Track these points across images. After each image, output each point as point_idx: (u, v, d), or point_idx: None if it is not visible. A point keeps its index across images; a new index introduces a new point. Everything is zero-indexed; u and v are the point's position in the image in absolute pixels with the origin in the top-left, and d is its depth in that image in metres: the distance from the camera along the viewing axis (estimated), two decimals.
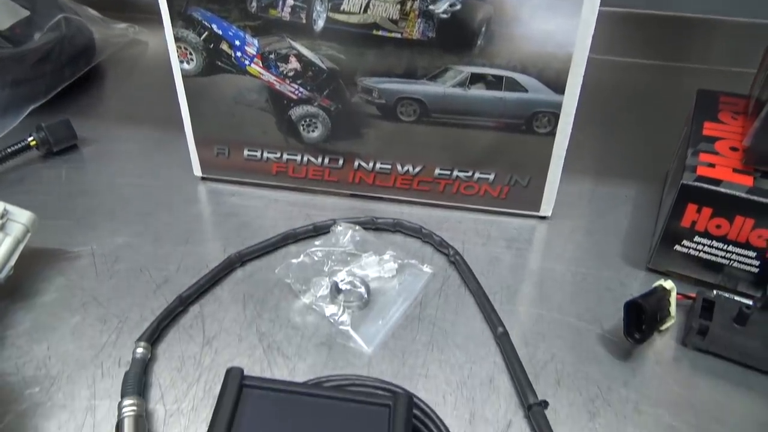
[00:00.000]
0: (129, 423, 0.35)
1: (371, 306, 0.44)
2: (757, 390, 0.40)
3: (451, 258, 0.48)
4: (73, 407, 0.38)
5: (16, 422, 0.37)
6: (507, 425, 0.38)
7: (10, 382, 0.39)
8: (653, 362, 0.42)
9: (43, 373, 0.40)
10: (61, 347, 0.42)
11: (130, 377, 0.38)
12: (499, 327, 0.42)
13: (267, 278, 0.47)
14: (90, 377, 0.40)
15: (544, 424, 0.37)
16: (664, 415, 0.38)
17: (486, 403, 0.39)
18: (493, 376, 0.41)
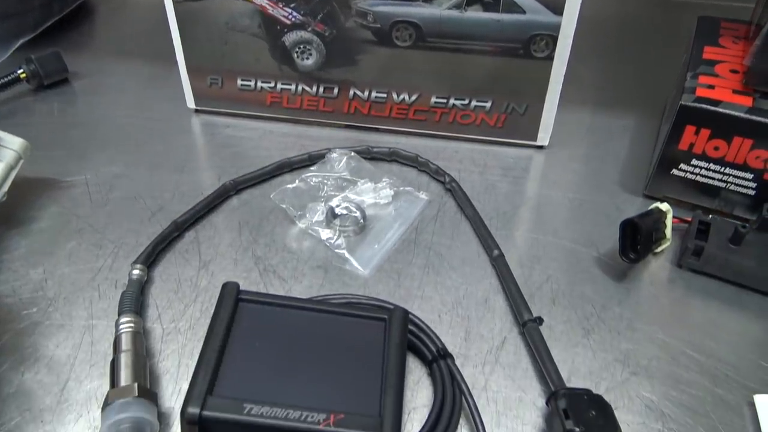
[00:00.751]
0: (126, 338, 0.36)
1: (367, 231, 0.44)
2: (750, 309, 0.40)
3: (447, 185, 0.48)
4: (71, 326, 0.38)
5: (15, 340, 0.37)
6: (502, 341, 0.38)
7: (7, 303, 0.39)
8: (648, 283, 0.42)
9: (40, 295, 0.40)
10: (57, 271, 0.42)
11: (127, 296, 0.38)
12: (495, 250, 0.43)
13: (262, 205, 0.47)
14: (87, 299, 0.40)
15: (538, 340, 0.37)
16: (657, 331, 0.39)
17: (481, 322, 0.39)
18: (488, 296, 0.41)
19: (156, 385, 0.35)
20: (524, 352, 0.38)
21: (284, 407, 0.30)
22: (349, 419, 0.30)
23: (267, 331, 0.33)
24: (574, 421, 0.31)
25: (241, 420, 0.29)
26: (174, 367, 0.36)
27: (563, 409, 0.32)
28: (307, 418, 0.30)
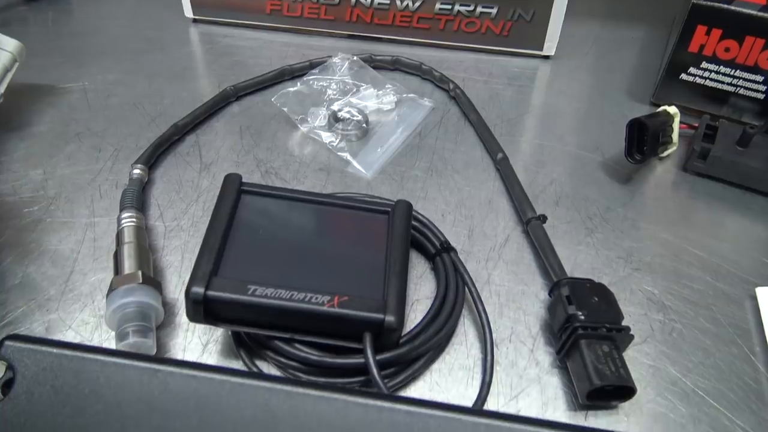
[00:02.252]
0: (129, 231, 0.35)
1: (369, 135, 0.44)
2: (754, 209, 0.40)
3: (451, 93, 0.47)
4: (72, 224, 0.38)
5: (17, 236, 0.37)
6: (505, 239, 0.38)
7: (8, 201, 0.39)
8: (653, 186, 0.42)
9: (41, 194, 0.40)
10: (57, 172, 0.41)
11: (128, 193, 0.38)
12: (499, 153, 0.42)
13: (263, 111, 0.46)
14: (88, 198, 0.40)
15: (542, 236, 0.37)
16: (660, 231, 0.39)
17: (484, 221, 0.39)
18: (492, 197, 0.41)
19: (160, 277, 0.35)
20: (528, 250, 0.38)
21: (288, 289, 0.30)
22: (354, 301, 0.30)
23: (270, 220, 0.33)
24: (576, 306, 0.31)
25: (245, 300, 0.29)
26: (177, 261, 0.36)
27: (566, 296, 0.32)
28: (311, 299, 0.30)
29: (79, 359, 0.26)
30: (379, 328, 0.30)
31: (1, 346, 0.26)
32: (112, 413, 0.24)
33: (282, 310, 0.30)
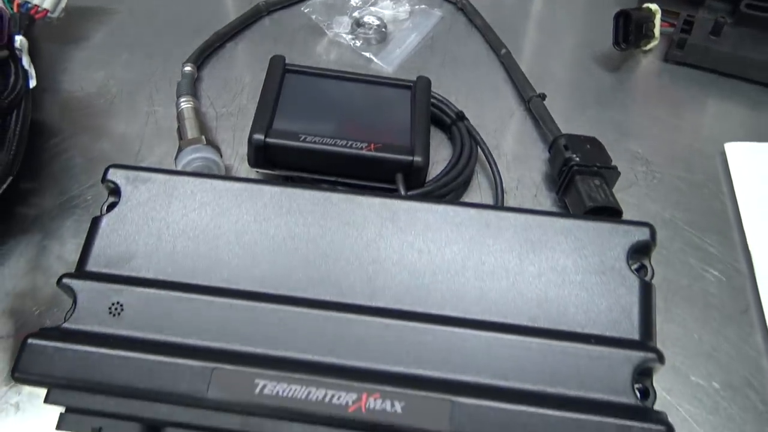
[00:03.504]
0: (188, 111, 0.41)
1: (388, 39, 0.50)
2: (725, 90, 0.46)
3: (459, 4, 0.53)
4: (135, 111, 0.44)
5: (88, 122, 0.43)
6: (510, 115, 0.44)
7: (77, 96, 0.45)
8: (638, 74, 0.48)
9: (105, 91, 0.46)
10: (116, 74, 0.47)
11: (183, 84, 0.44)
12: (503, 49, 0.48)
13: (293, 23, 0.52)
14: (147, 93, 0.45)
15: (542, 109, 0.43)
16: (645, 107, 0.45)
17: (493, 102, 0.45)
18: (498, 85, 0.46)
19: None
20: (530, 123, 0.44)
21: (333, 137, 0.36)
22: (387, 147, 0.36)
23: (312, 90, 0.39)
24: (572, 151, 0.37)
25: (297, 146, 0.35)
26: (229, 138, 0.42)
27: (563, 144, 0.38)
28: (352, 145, 0.36)
29: (172, 181, 0.32)
30: (408, 168, 0.36)
31: (107, 172, 0.32)
32: (201, 223, 0.30)
33: (328, 154, 0.36)
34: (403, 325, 0.27)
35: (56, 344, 0.27)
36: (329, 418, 0.25)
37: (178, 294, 0.28)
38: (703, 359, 0.32)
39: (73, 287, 0.28)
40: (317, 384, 0.26)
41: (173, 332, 0.27)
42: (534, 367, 0.26)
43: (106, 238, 0.30)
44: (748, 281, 0.35)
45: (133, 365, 0.26)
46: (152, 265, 0.29)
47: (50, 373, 0.26)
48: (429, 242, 0.30)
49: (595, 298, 0.28)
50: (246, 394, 0.26)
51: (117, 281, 0.29)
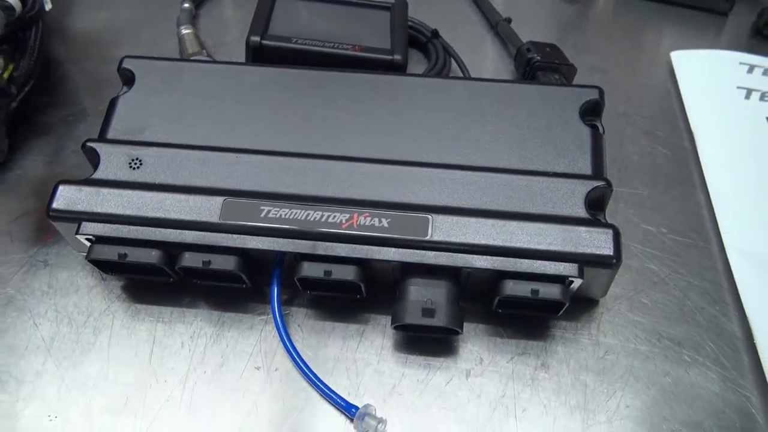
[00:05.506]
0: (189, 36, 0.46)
1: None
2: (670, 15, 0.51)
3: None
4: (139, 42, 0.48)
5: (94, 51, 0.47)
6: (481, 39, 0.49)
7: (84, 32, 0.49)
8: (595, 7, 0.53)
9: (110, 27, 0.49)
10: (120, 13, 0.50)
11: (183, 17, 0.48)
12: None
13: None
14: (149, 28, 0.49)
15: (509, 31, 0.48)
16: (603, 30, 0.50)
17: (463, 30, 0.49)
18: (468, 17, 0.51)
19: None
20: (498, 45, 0.48)
21: (325, 40, 0.40)
22: (370, 48, 0.40)
23: (302, 8, 0.44)
24: (534, 53, 0.42)
25: (290, 47, 0.40)
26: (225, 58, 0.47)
27: (527, 48, 0.43)
28: (340, 46, 0.40)
29: (178, 66, 0.36)
30: (389, 65, 0.40)
31: (122, 61, 0.36)
32: (207, 98, 0.34)
33: (317, 54, 0.40)
34: (388, 168, 0.31)
35: (84, 187, 0.31)
36: (326, 234, 0.29)
37: (188, 151, 0.32)
38: (652, 212, 0.36)
39: (96, 149, 0.32)
40: (314, 208, 0.30)
41: (186, 178, 0.31)
42: (502, 194, 0.30)
43: (122, 114, 0.34)
44: (691, 155, 0.40)
45: (153, 201, 0.30)
46: (164, 133, 0.33)
47: (80, 209, 0.30)
48: (412, 105, 0.34)
49: (553, 144, 0.32)
50: (253, 218, 0.30)
51: (132, 144, 0.33)
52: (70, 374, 0.29)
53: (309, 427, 0.28)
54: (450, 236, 0.29)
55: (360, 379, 0.29)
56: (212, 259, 0.29)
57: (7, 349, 0.30)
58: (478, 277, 0.29)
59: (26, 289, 0.32)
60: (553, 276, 0.28)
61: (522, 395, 0.29)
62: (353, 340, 0.30)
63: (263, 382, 0.29)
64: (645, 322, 0.31)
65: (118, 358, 0.30)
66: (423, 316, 0.28)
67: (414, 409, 0.28)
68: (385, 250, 0.29)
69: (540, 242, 0.29)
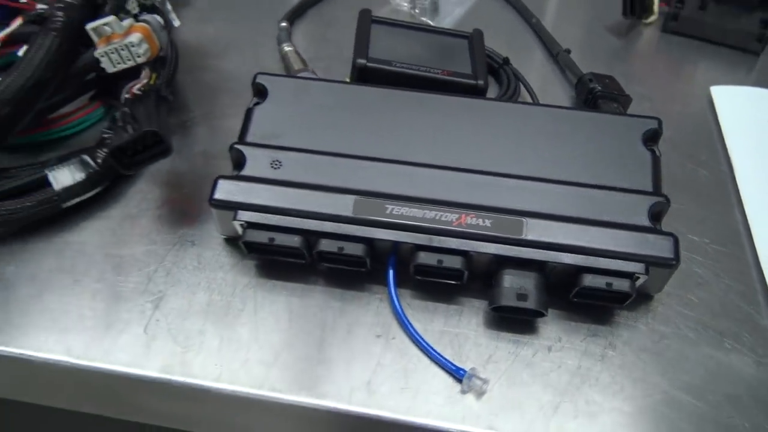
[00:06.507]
0: (291, 53, 0.52)
1: (439, 11, 0.61)
2: (710, 52, 0.58)
3: None
4: (242, 55, 0.54)
5: (206, 62, 0.54)
6: (542, 67, 0.56)
7: (193, 45, 0.55)
8: (641, 40, 0.59)
9: (216, 40, 0.56)
10: (222, 28, 0.57)
11: (283, 35, 0.55)
12: (533, 18, 0.60)
13: None
14: (249, 43, 0.56)
15: (569, 61, 0.54)
16: (648, 62, 0.57)
17: (525, 59, 0.56)
18: (529, 46, 0.58)
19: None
20: (558, 73, 0.55)
21: (417, 64, 0.47)
22: (456, 73, 0.47)
23: (394, 34, 0.50)
24: (595, 83, 0.49)
25: (390, 69, 0.46)
26: (324, 74, 0.53)
27: (588, 78, 0.49)
28: (431, 70, 0.47)
29: (305, 83, 0.43)
30: (473, 89, 0.47)
31: (256, 77, 0.43)
32: (329, 111, 0.41)
33: (411, 77, 0.47)
34: (486, 178, 0.38)
35: (239, 182, 0.37)
36: (439, 230, 0.36)
37: (319, 156, 0.39)
38: (695, 224, 0.43)
39: (242, 150, 0.39)
40: (430, 208, 0.36)
41: (320, 178, 0.38)
42: (580, 203, 0.37)
43: (258, 122, 0.41)
44: (729, 178, 0.46)
45: (296, 195, 0.37)
46: (295, 140, 0.40)
47: (236, 200, 0.37)
48: (499, 125, 0.41)
49: (620, 164, 0.39)
50: (379, 214, 0.36)
51: (272, 148, 0.39)
52: (227, 333, 0.36)
53: (424, 384, 0.34)
54: (541, 236, 0.35)
55: (461, 349, 0.36)
56: (345, 246, 0.36)
57: (174, 312, 0.37)
58: (561, 271, 0.36)
59: (180, 263, 0.39)
60: (624, 272, 0.35)
61: (594, 368, 0.35)
62: (453, 318, 0.37)
63: (383, 347, 0.36)
64: (692, 314, 0.38)
65: (263, 322, 0.36)
66: (517, 300, 0.35)
67: (507, 375, 0.35)
68: (487, 245, 0.36)
69: (613, 245, 0.35)
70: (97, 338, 0.35)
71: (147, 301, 0.37)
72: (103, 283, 0.38)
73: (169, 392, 0.34)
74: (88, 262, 0.39)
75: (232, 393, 0.34)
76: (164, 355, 0.35)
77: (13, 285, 0.38)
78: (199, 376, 0.34)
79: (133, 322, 0.36)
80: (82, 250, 0.39)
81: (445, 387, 0.34)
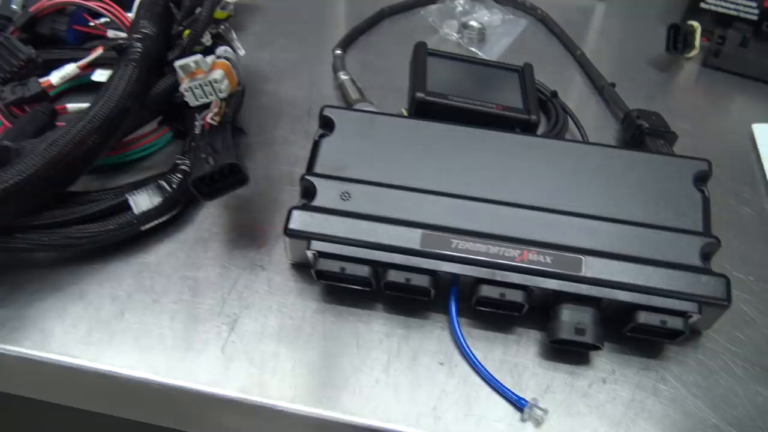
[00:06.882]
0: (348, 81, 0.55)
1: (486, 40, 0.63)
2: (750, 88, 0.60)
3: (539, 16, 0.67)
4: (299, 81, 0.57)
5: (263, 87, 0.56)
6: (587, 100, 0.57)
7: (252, 69, 0.58)
8: (683, 75, 0.61)
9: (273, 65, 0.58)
10: (279, 55, 0.60)
11: (338, 63, 0.57)
12: (578, 50, 0.62)
13: (408, 24, 0.65)
14: (306, 69, 0.58)
15: (614, 95, 0.56)
16: (690, 97, 0.59)
17: (571, 91, 0.58)
18: (574, 79, 0.60)
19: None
20: (603, 106, 0.57)
21: (472, 99, 0.49)
22: (509, 108, 0.49)
23: (449, 67, 0.52)
24: (642, 120, 0.51)
25: (447, 103, 0.49)
26: (378, 102, 0.55)
27: (636, 115, 0.51)
28: (486, 105, 0.49)
29: (369, 116, 0.45)
30: (526, 124, 0.49)
31: (323, 110, 0.45)
32: (393, 145, 0.43)
33: (467, 111, 0.49)
34: (545, 215, 0.40)
35: (313, 213, 0.39)
36: (503, 265, 0.38)
37: (386, 189, 0.41)
38: (740, 263, 0.44)
39: (313, 181, 0.41)
40: (493, 243, 0.38)
41: (388, 211, 0.40)
42: (635, 242, 0.39)
43: (326, 153, 0.43)
44: None
45: (366, 228, 0.39)
46: (361, 172, 0.42)
47: (310, 230, 0.39)
48: (556, 163, 0.43)
49: (672, 204, 0.41)
50: (446, 248, 0.38)
51: (341, 180, 0.41)
52: (299, 356, 0.38)
53: (486, 411, 0.36)
54: (599, 274, 0.37)
55: (520, 378, 0.38)
56: (412, 277, 0.38)
57: (248, 334, 0.39)
58: (617, 307, 0.38)
59: (251, 286, 0.41)
60: (678, 311, 0.37)
61: (647, 401, 0.37)
62: (512, 347, 0.39)
63: (447, 375, 0.38)
64: (739, 351, 0.40)
65: (333, 347, 0.38)
66: (576, 334, 0.37)
67: (565, 405, 0.37)
68: (548, 280, 0.37)
69: (668, 284, 0.37)
70: (178, 358, 0.38)
71: (223, 323, 0.39)
72: (180, 304, 0.40)
73: (247, 411, 0.37)
74: (166, 283, 0.41)
75: (308, 414, 0.36)
76: (242, 376, 0.37)
77: (96, 304, 0.40)
78: (275, 397, 0.36)
79: (211, 343, 0.38)
80: (159, 271, 0.42)
81: (506, 414, 0.36)
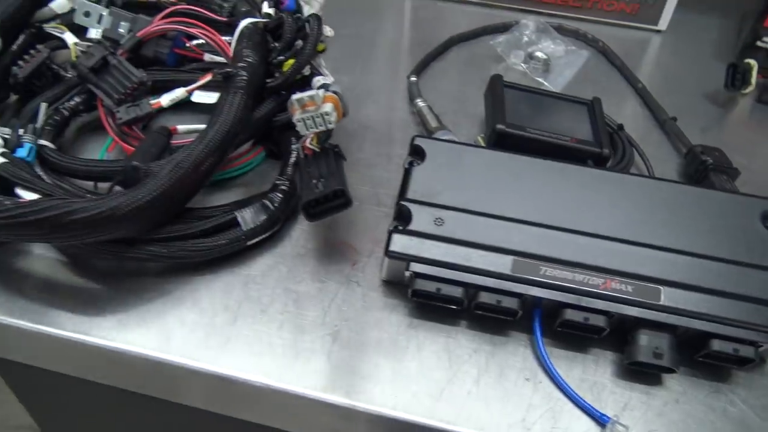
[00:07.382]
0: (425, 108, 0.58)
1: (550, 69, 0.67)
2: None
3: (600, 48, 0.70)
4: (378, 106, 0.61)
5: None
6: (648, 133, 0.61)
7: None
8: (738, 110, 0.64)
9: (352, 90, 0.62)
10: (356, 79, 0.64)
11: (414, 89, 0.61)
12: (639, 83, 0.65)
13: (476, 52, 0.69)
14: (382, 93, 0.62)
15: (676, 129, 0.59)
16: (745, 132, 0.62)
17: (632, 124, 0.61)
18: (636, 111, 0.63)
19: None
20: (664, 139, 0.60)
21: (548, 132, 0.52)
22: (582, 141, 0.53)
23: (525, 99, 0.56)
24: (706, 155, 0.54)
25: (524, 135, 0.52)
26: (452, 128, 0.59)
27: (700, 150, 0.54)
28: (560, 137, 0.52)
29: (458, 147, 0.49)
30: (598, 157, 0.52)
31: (414, 139, 0.48)
32: (480, 175, 0.47)
33: (543, 142, 0.52)
34: (626, 246, 0.43)
35: (410, 237, 0.43)
36: (587, 291, 0.41)
37: (476, 216, 0.45)
38: None
39: (409, 207, 0.45)
40: (579, 271, 0.42)
41: (479, 237, 0.43)
42: (710, 275, 0.42)
43: (417, 181, 0.47)
44: None
45: (461, 252, 0.42)
46: (451, 199, 0.46)
47: (409, 252, 0.43)
48: (631, 197, 0.46)
49: (742, 240, 0.44)
50: (535, 274, 0.42)
51: (434, 206, 0.45)
52: (397, 367, 0.42)
53: (571, 424, 0.40)
54: (677, 304, 0.41)
55: (600, 395, 0.41)
56: (503, 299, 0.42)
57: (350, 345, 0.43)
58: (692, 334, 0.41)
59: (349, 301, 0.45)
60: (749, 341, 0.40)
61: (718, 422, 0.40)
62: (590, 367, 0.42)
63: (532, 390, 0.41)
64: None
65: (427, 360, 0.42)
66: (654, 358, 0.40)
67: (643, 422, 0.40)
68: (630, 308, 0.41)
69: (740, 315, 0.40)
70: (288, 364, 0.41)
71: (326, 334, 0.43)
72: (286, 314, 0.44)
73: (352, 417, 0.40)
74: (271, 295, 0.45)
75: (408, 421, 0.40)
76: (347, 383, 0.41)
77: (210, 312, 0.44)
78: (378, 403, 0.40)
79: (317, 352, 0.42)
80: (264, 283, 0.46)
81: (589, 429, 0.40)
